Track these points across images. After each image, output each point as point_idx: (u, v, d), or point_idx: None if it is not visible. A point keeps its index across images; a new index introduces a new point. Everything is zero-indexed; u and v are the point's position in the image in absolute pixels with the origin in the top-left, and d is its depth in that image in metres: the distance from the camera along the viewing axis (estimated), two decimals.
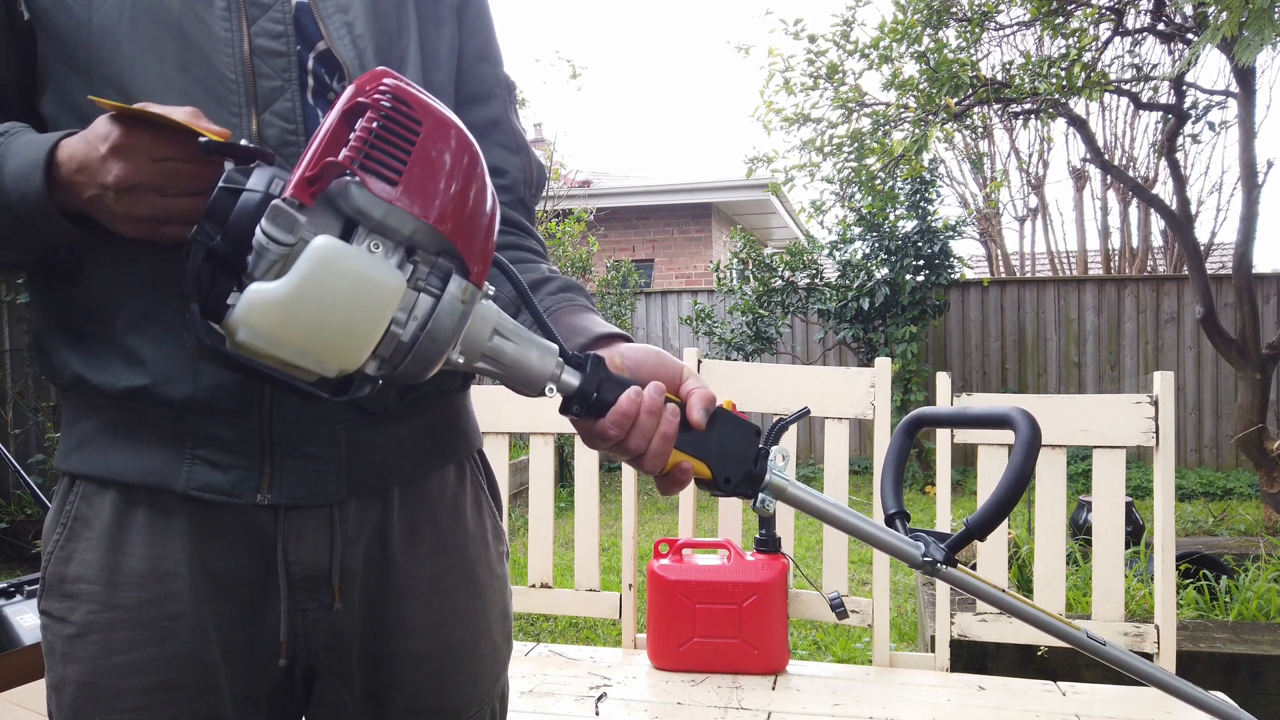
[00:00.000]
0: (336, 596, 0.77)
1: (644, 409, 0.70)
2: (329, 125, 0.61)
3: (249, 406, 0.73)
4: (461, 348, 0.67)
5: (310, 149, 0.60)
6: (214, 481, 0.73)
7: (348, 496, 0.77)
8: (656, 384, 0.72)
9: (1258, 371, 4.75)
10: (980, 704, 1.74)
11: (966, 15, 4.93)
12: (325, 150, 0.60)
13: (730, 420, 0.78)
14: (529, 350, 0.70)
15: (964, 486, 6.36)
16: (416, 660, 0.81)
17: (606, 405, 0.71)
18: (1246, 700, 2.27)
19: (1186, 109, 5.15)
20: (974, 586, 0.83)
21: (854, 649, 3.36)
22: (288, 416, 0.74)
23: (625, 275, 8.26)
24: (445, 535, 0.84)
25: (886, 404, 2.00)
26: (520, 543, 4.41)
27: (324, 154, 0.60)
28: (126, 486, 0.74)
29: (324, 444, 0.76)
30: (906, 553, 0.81)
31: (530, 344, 0.71)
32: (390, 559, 0.80)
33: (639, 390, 0.71)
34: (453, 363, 0.67)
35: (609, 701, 1.76)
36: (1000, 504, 0.80)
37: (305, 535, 0.76)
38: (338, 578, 0.77)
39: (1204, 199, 8.95)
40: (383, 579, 0.80)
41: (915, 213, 7.12)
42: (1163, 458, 1.87)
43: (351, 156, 0.59)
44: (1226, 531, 4.90)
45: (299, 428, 0.75)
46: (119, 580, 0.73)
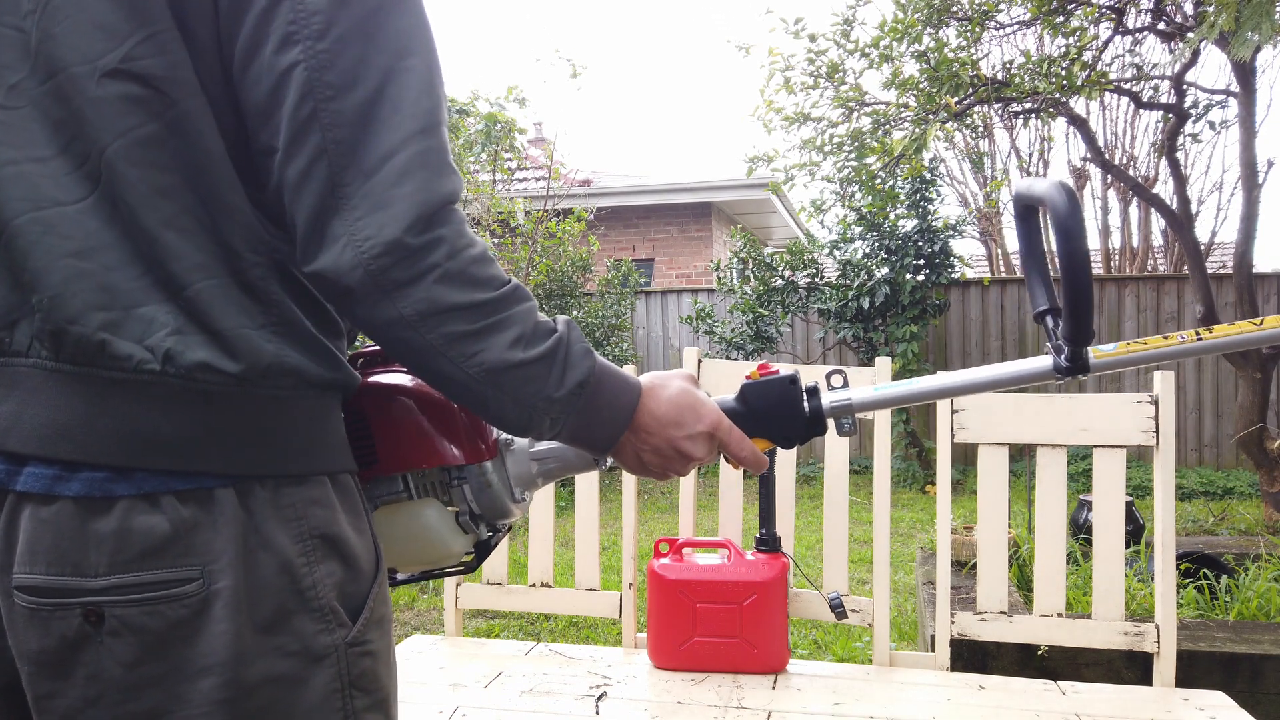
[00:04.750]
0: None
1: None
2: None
3: None
4: (518, 487, 0.88)
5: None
6: None
7: None
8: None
9: (1258, 371, 4.75)
10: (980, 703, 1.74)
11: (967, 14, 4.92)
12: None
13: (760, 386, 0.85)
14: (566, 454, 0.88)
15: (964, 486, 6.36)
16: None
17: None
18: (1246, 700, 2.27)
19: (1187, 108, 5.15)
20: (1130, 359, 0.82)
21: (854, 648, 3.36)
22: None
23: (625, 274, 8.26)
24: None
25: None
26: (520, 542, 4.41)
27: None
28: None
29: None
30: (1038, 374, 0.82)
31: (565, 449, 0.87)
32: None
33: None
34: (523, 496, 0.89)
35: (609, 700, 1.76)
36: (1073, 296, 0.76)
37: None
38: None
39: (1204, 198, 8.95)
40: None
41: (915, 212, 7.12)
42: (1163, 457, 1.87)
43: (360, 462, 0.82)
44: (1227, 531, 4.90)
45: None
46: None
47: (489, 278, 0.70)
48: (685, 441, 0.82)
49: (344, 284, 0.67)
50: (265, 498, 0.69)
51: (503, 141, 7.18)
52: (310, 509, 0.71)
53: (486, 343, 0.70)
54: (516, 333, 0.71)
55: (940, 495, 1.97)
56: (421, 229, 0.66)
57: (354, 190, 0.66)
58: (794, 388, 0.85)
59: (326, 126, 0.66)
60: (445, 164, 0.69)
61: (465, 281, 0.68)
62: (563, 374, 0.73)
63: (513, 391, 0.72)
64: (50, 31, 0.66)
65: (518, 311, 0.72)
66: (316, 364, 0.73)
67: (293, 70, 0.66)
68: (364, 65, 0.67)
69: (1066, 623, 1.90)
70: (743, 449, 0.86)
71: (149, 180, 0.66)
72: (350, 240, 0.66)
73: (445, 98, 0.72)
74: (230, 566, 0.66)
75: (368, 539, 0.77)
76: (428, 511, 0.84)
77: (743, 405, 0.87)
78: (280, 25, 0.66)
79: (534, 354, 0.72)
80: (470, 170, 7.19)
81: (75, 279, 0.66)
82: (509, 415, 0.74)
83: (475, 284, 0.69)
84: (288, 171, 0.67)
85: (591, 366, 0.75)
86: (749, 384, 0.85)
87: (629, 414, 0.80)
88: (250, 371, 0.68)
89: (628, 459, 0.83)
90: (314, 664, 0.70)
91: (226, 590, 0.66)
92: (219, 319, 0.67)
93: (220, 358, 0.67)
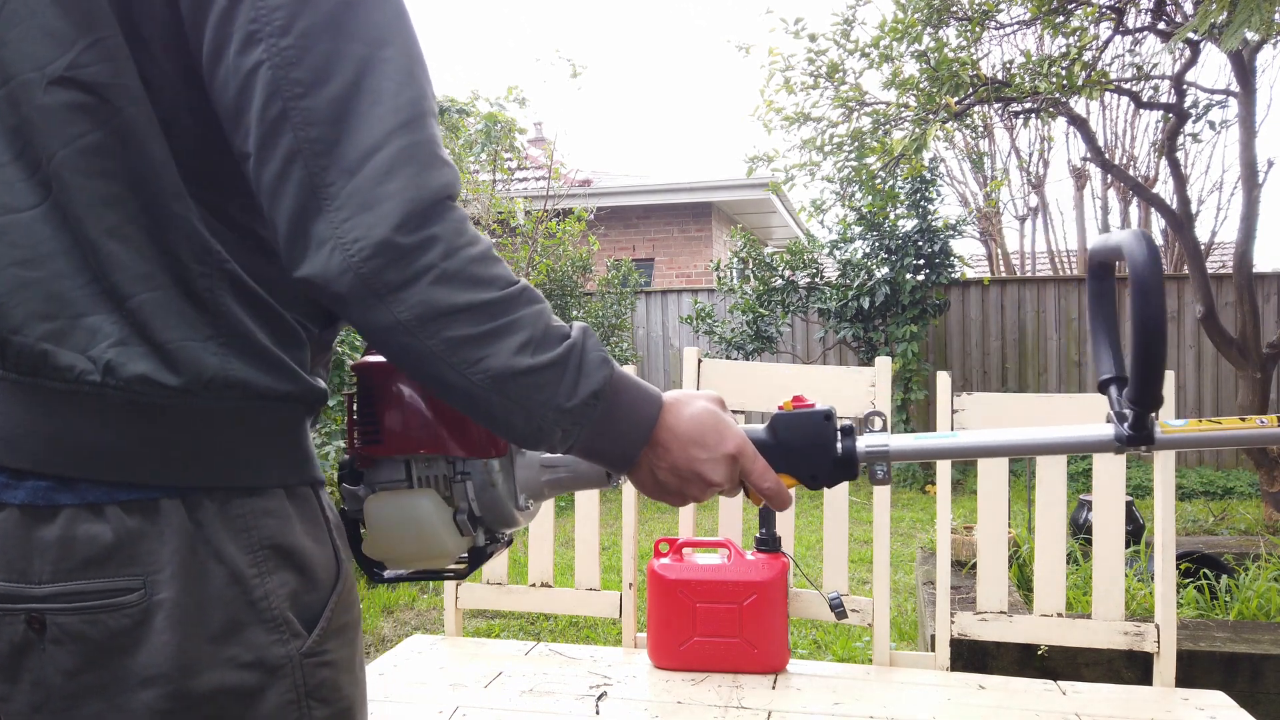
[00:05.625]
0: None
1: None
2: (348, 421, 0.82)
3: None
4: (523, 493, 0.83)
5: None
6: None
7: None
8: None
9: (1258, 370, 4.75)
10: (980, 703, 1.74)
11: (967, 14, 4.92)
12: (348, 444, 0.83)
13: (792, 419, 0.80)
14: (578, 466, 0.84)
15: (964, 486, 6.36)
16: None
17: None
18: (1246, 700, 2.27)
19: (1187, 108, 5.15)
20: (1200, 439, 0.76)
21: (854, 648, 3.36)
22: None
23: (625, 274, 8.26)
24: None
25: (887, 403, 2.00)
26: (520, 542, 4.40)
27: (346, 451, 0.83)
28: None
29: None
30: (1096, 443, 0.76)
31: (578, 460, 0.81)
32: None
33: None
34: (527, 504, 0.84)
35: (609, 700, 1.76)
36: (1144, 358, 0.71)
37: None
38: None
39: (1204, 198, 8.96)
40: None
41: (915, 212, 7.12)
42: (1163, 457, 1.87)
43: (351, 442, 0.81)
44: (1227, 531, 4.90)
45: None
46: None
47: (493, 277, 0.67)
48: (706, 464, 0.77)
49: (334, 290, 0.64)
50: (214, 509, 0.67)
51: (503, 141, 7.18)
52: (261, 520, 0.69)
53: (491, 348, 0.66)
54: (524, 337, 0.67)
55: (940, 495, 1.97)
56: (414, 227, 0.63)
57: (337, 190, 0.63)
58: (828, 424, 0.81)
59: (298, 125, 0.63)
60: (436, 157, 0.66)
61: (466, 281, 0.65)
62: (575, 383, 0.69)
63: (521, 400, 0.68)
64: (4, 38, 0.65)
65: (526, 314, 0.68)
66: (267, 377, 0.70)
67: (257, 70, 0.63)
68: (336, 59, 0.64)
69: (1066, 623, 1.90)
70: (766, 479, 0.80)
71: (94, 189, 0.65)
72: (337, 243, 0.63)
73: (431, 90, 0.69)
74: (175, 577, 0.65)
75: (327, 549, 0.75)
76: (424, 503, 0.80)
77: (771, 436, 0.82)
78: (242, 25, 0.63)
79: (543, 360, 0.68)
80: (470, 170, 7.19)
81: (20, 289, 0.65)
82: (518, 426, 0.70)
83: (477, 284, 0.66)
84: (263, 176, 0.65)
85: (608, 376, 0.71)
86: (780, 415, 0.81)
87: (648, 428, 0.75)
88: (192, 384, 0.66)
89: (643, 477, 0.79)
90: (268, 675, 0.69)
91: (169, 601, 0.65)
92: (160, 331, 0.66)
93: (160, 370, 0.65)
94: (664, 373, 8.62)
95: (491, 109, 7.29)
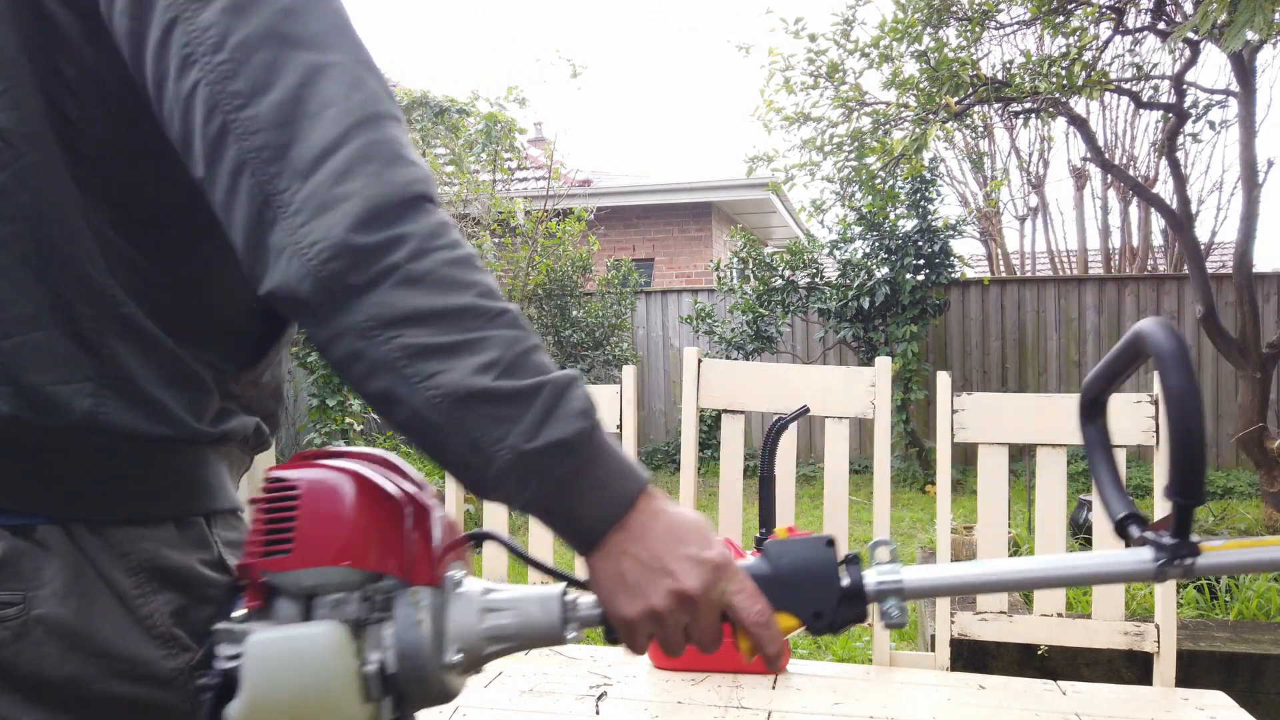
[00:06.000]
0: None
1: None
2: (247, 536, 0.67)
3: None
4: (457, 645, 0.67)
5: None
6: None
7: None
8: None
9: (1258, 370, 4.75)
10: (980, 703, 1.74)
11: (967, 14, 4.92)
12: (244, 559, 0.66)
13: (788, 546, 0.69)
14: (528, 608, 0.69)
15: (964, 485, 6.36)
16: None
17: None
18: (1246, 699, 2.27)
19: (1187, 108, 5.15)
20: (1237, 564, 0.67)
21: (854, 648, 3.36)
22: None
23: (625, 274, 8.26)
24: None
25: (887, 403, 2.00)
26: (521, 541, 4.40)
27: (241, 564, 0.67)
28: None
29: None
30: (1136, 574, 0.67)
31: (528, 601, 0.69)
32: None
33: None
34: (455, 660, 0.66)
35: (609, 700, 1.76)
36: (1184, 450, 0.64)
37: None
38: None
39: (1204, 198, 8.95)
40: None
41: (915, 212, 7.12)
42: (1163, 457, 1.87)
43: (251, 553, 0.66)
44: (1227, 530, 4.90)
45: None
46: None
47: (469, 283, 0.62)
48: (683, 563, 0.65)
49: (298, 298, 0.60)
50: (93, 537, 0.67)
51: (503, 141, 7.18)
52: (139, 545, 0.69)
53: (450, 362, 0.60)
54: (490, 356, 0.61)
55: (940, 495, 1.97)
56: (377, 226, 0.60)
57: (291, 195, 0.60)
58: (830, 551, 0.69)
59: (240, 136, 0.61)
60: (399, 155, 0.63)
61: (435, 284, 0.60)
62: (540, 425, 0.61)
63: (474, 430, 0.61)
64: None
65: (500, 334, 0.62)
66: (143, 421, 0.68)
67: (195, 90, 0.61)
68: (276, 68, 0.62)
69: (1066, 623, 1.90)
70: (755, 604, 0.67)
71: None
72: (295, 250, 0.59)
73: (387, 95, 0.66)
74: (57, 595, 0.65)
75: (221, 571, 0.74)
76: (324, 639, 0.63)
77: (765, 565, 0.69)
78: (176, 52, 0.61)
79: (505, 386, 0.61)
80: (470, 170, 7.20)
81: None
82: (470, 464, 0.62)
83: (448, 287, 0.61)
84: (215, 197, 0.62)
85: (585, 431, 0.63)
86: (773, 542, 0.69)
87: (624, 505, 0.66)
88: (59, 425, 0.66)
89: (605, 566, 0.67)
90: (159, 687, 0.69)
91: (51, 617, 0.65)
92: (27, 374, 0.65)
93: (28, 411, 0.65)
94: (664, 373, 8.62)
95: (491, 109, 7.29)
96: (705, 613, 0.66)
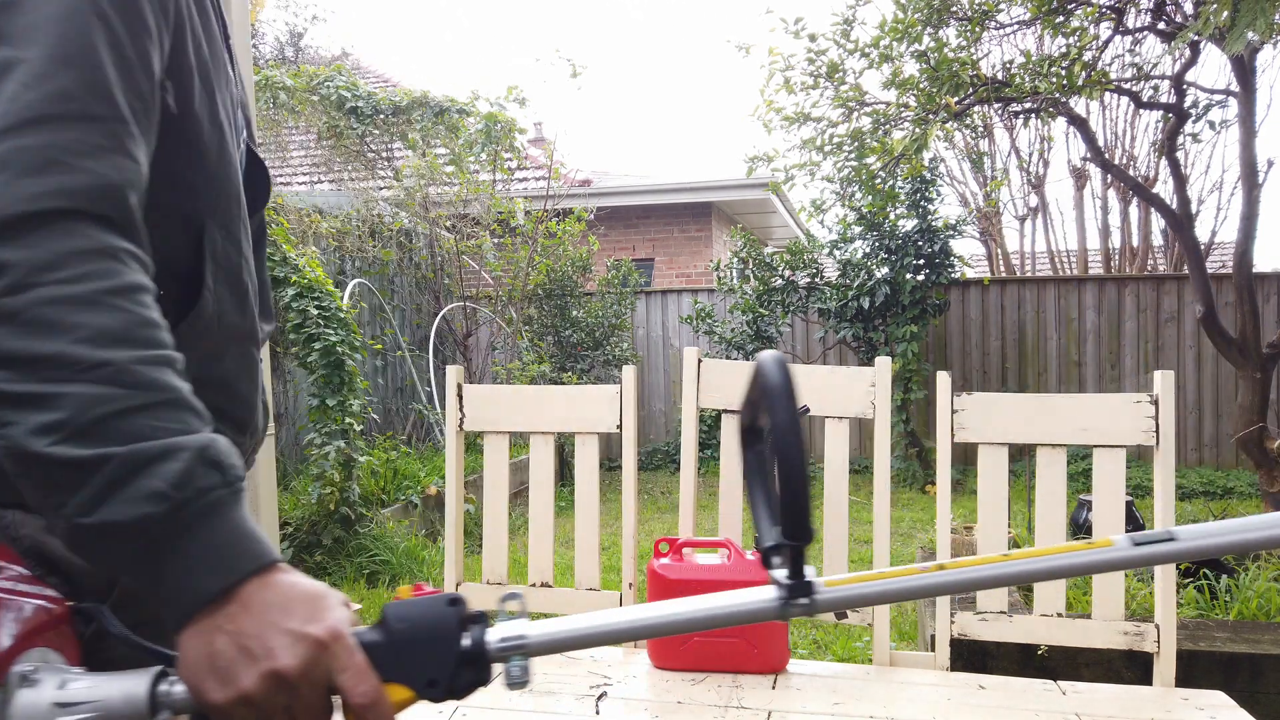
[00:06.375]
0: None
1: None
2: None
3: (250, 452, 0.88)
4: None
5: None
6: None
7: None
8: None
9: (1258, 370, 4.75)
10: (980, 703, 1.74)
11: (967, 14, 4.92)
12: None
13: (405, 609, 0.63)
14: (111, 700, 0.59)
15: (964, 486, 6.36)
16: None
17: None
18: (1246, 700, 2.27)
19: (1187, 108, 5.15)
20: (851, 598, 0.67)
21: (854, 648, 3.36)
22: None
23: (625, 274, 8.26)
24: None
25: (887, 403, 2.00)
26: (520, 542, 4.41)
27: None
28: None
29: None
30: (761, 613, 0.66)
31: (111, 690, 0.59)
32: None
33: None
34: None
35: (609, 700, 1.76)
36: (787, 488, 0.62)
37: None
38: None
39: (1204, 198, 8.95)
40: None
41: (915, 212, 7.12)
42: (1163, 457, 1.87)
43: None
44: None
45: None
46: None
47: (70, 326, 0.55)
48: (283, 638, 0.58)
49: None
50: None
51: (503, 141, 7.19)
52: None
53: (18, 414, 0.54)
54: (57, 416, 0.54)
55: (940, 495, 1.97)
56: None
57: None
58: (452, 611, 0.63)
59: None
60: (50, 162, 0.57)
61: (25, 325, 0.54)
62: (97, 501, 0.55)
63: (34, 490, 0.56)
64: None
65: (81, 392, 0.55)
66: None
67: None
68: None
69: (1066, 623, 1.90)
70: (360, 682, 0.60)
71: None
72: None
73: (94, 89, 0.61)
74: None
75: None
76: None
77: (381, 634, 0.62)
78: None
79: (61, 453, 0.54)
80: (470, 170, 7.20)
81: None
82: (46, 515, 0.58)
83: (38, 330, 0.54)
84: None
85: (154, 516, 0.55)
86: (392, 605, 0.63)
87: (225, 582, 0.58)
88: None
89: (196, 645, 0.59)
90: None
91: None
92: None
93: None
94: (664, 372, 8.62)
95: (491, 109, 7.29)
96: (307, 694, 0.59)
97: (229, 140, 0.80)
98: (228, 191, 0.80)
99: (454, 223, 7.23)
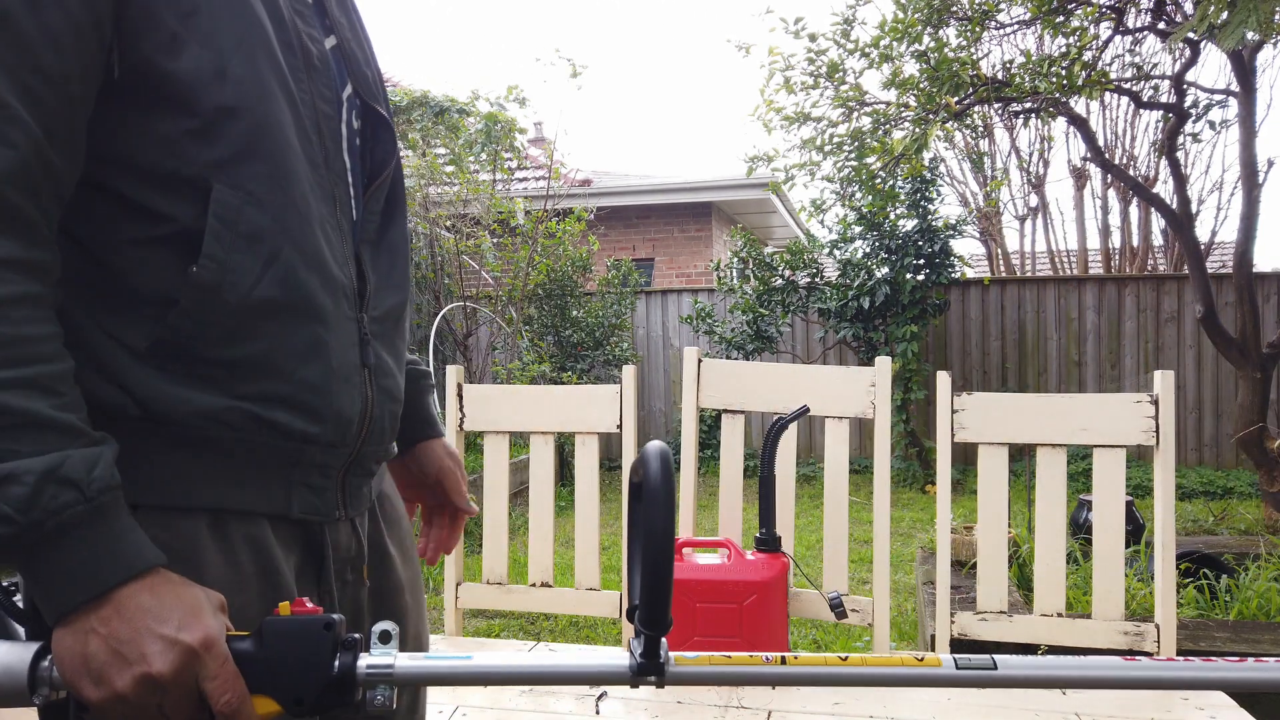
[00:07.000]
0: (365, 575, 0.86)
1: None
2: None
3: (355, 439, 0.80)
4: None
5: None
6: (313, 504, 0.78)
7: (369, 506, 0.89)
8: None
9: (1258, 370, 4.75)
10: (980, 702, 1.74)
11: (967, 14, 4.92)
12: None
13: (282, 625, 0.64)
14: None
15: (964, 486, 6.36)
16: (405, 605, 0.93)
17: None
18: (1246, 699, 2.27)
19: (1187, 108, 5.15)
20: (708, 675, 0.69)
21: (854, 648, 3.36)
22: (367, 445, 0.82)
23: (625, 274, 8.26)
24: (397, 521, 0.96)
25: (887, 403, 2.00)
26: (520, 541, 4.41)
27: None
28: (217, 512, 0.71)
29: (370, 467, 0.85)
30: (614, 677, 0.69)
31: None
32: (381, 541, 0.91)
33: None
34: None
35: (609, 700, 1.76)
36: (649, 583, 0.65)
37: (340, 534, 0.83)
38: (365, 561, 0.86)
39: (1204, 198, 8.95)
40: (380, 555, 0.91)
41: (915, 212, 7.12)
42: (1163, 457, 1.87)
43: None
44: (1227, 530, 4.90)
45: (364, 454, 0.83)
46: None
47: None
48: (156, 643, 0.60)
49: None
50: None
51: (503, 141, 7.19)
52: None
53: None
54: None
55: (940, 495, 1.97)
56: None
57: None
58: (327, 634, 0.64)
59: None
60: None
61: None
62: None
63: None
64: None
65: None
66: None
67: None
68: None
69: (1066, 623, 1.90)
70: (225, 691, 0.62)
71: None
72: None
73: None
74: None
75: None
76: None
77: (255, 647, 0.64)
78: None
79: None
80: (470, 170, 7.20)
81: None
82: None
83: None
84: None
85: (3, 537, 0.58)
86: (270, 620, 0.65)
87: (95, 588, 0.60)
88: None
89: (70, 645, 0.60)
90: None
91: None
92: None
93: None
94: (664, 373, 8.62)
95: (491, 109, 7.30)
96: (178, 696, 0.61)
97: (297, 98, 0.74)
98: (275, 147, 0.72)
99: (454, 223, 7.23)
